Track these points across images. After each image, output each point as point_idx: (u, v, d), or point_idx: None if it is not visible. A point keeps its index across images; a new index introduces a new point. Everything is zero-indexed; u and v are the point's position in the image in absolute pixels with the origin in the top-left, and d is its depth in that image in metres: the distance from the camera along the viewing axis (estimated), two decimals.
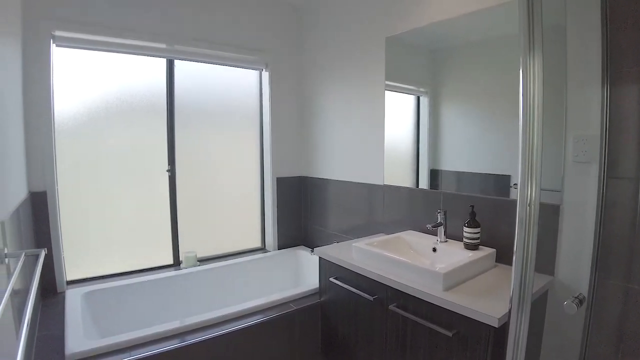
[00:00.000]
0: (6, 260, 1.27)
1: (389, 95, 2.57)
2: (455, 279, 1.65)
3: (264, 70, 3.25)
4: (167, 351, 1.83)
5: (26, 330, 0.84)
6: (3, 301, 0.91)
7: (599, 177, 1.54)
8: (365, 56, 2.71)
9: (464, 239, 1.96)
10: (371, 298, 1.88)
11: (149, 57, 2.74)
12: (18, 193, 1.82)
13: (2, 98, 1.50)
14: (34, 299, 1.06)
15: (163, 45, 2.71)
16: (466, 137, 2.17)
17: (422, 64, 2.44)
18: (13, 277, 1.07)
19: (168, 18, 2.70)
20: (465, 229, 1.95)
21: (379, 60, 2.58)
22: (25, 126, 2.19)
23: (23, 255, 1.30)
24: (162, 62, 2.81)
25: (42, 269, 1.49)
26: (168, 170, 2.86)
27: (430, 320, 1.60)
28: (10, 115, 1.71)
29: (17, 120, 1.92)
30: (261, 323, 2.14)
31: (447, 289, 1.60)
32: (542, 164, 1.16)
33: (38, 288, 1.13)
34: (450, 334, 1.50)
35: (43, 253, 1.38)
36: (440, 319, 1.57)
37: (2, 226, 1.29)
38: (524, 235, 1.14)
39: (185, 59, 2.87)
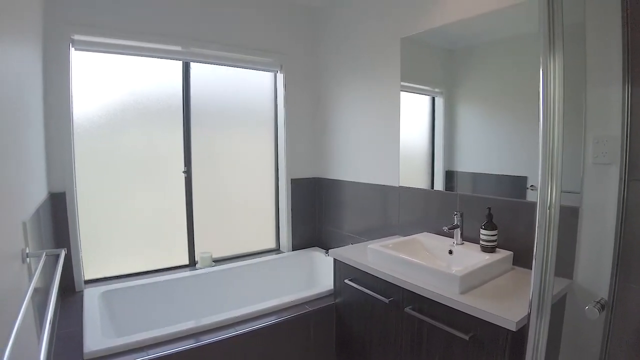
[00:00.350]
0: (28, 260, 1.30)
1: (404, 96, 2.56)
2: (472, 282, 1.63)
3: (278, 71, 3.26)
4: (182, 351, 1.84)
5: (49, 329, 0.86)
6: (25, 300, 0.93)
7: (620, 179, 1.51)
8: (380, 57, 2.70)
9: (481, 242, 1.94)
10: (386, 300, 1.87)
11: (165, 60, 2.77)
12: (38, 194, 1.85)
13: (24, 101, 1.53)
14: (55, 299, 1.08)
15: (179, 48, 2.74)
16: (482, 138, 2.15)
17: (437, 64, 2.42)
18: (34, 277, 1.09)
19: (184, 21, 2.72)
20: (482, 231, 1.93)
21: (394, 61, 2.57)
22: (45, 128, 2.23)
23: (44, 255, 1.32)
24: (178, 65, 2.84)
25: (62, 268, 1.51)
26: (184, 172, 2.89)
27: (447, 323, 1.59)
28: (32, 117, 1.74)
29: (37, 123, 1.96)
30: (276, 324, 2.14)
31: (464, 291, 1.59)
32: (562, 165, 1.14)
33: (52, 289, 1.15)
34: (466, 338, 1.49)
35: (63, 253, 1.41)
36: (456, 322, 1.56)
37: (24, 226, 1.31)
38: (543, 239, 1.13)
39: (200, 62, 2.90)
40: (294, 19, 3.28)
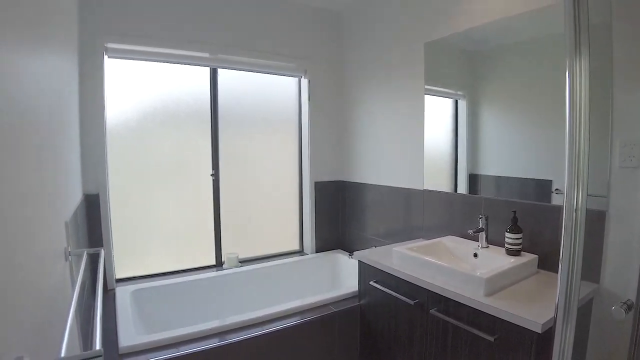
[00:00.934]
0: (70, 258, 1.37)
1: (426, 99, 2.57)
2: (497, 285, 1.65)
3: (302, 76, 3.30)
4: (208, 349, 1.89)
5: (100, 324, 0.91)
6: (74, 296, 0.99)
7: None
8: (404, 61, 2.73)
9: (506, 245, 1.95)
10: (411, 302, 1.89)
11: (193, 66, 2.85)
12: (76, 195, 1.94)
13: (63, 107, 1.60)
14: (101, 295, 1.14)
15: (206, 55, 2.81)
16: (506, 141, 2.15)
17: (460, 66, 2.43)
18: (80, 274, 1.15)
19: (211, 28, 2.80)
20: (507, 234, 1.93)
21: (418, 65, 2.59)
22: (80, 131, 2.32)
23: (85, 253, 1.39)
24: (206, 71, 2.92)
25: (95, 266, 1.58)
26: (212, 175, 2.96)
27: (472, 325, 1.60)
28: (70, 122, 1.82)
29: (74, 126, 2.05)
30: (300, 324, 2.18)
31: (489, 294, 1.60)
32: (589, 169, 1.15)
33: (98, 284, 1.21)
34: (492, 339, 1.50)
35: (103, 252, 1.48)
36: (482, 324, 1.57)
37: (66, 226, 1.38)
38: (570, 243, 1.13)
39: (227, 68, 2.97)
40: (319, 25, 3.33)
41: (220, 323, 2.09)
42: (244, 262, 3.08)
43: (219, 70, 2.96)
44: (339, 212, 3.52)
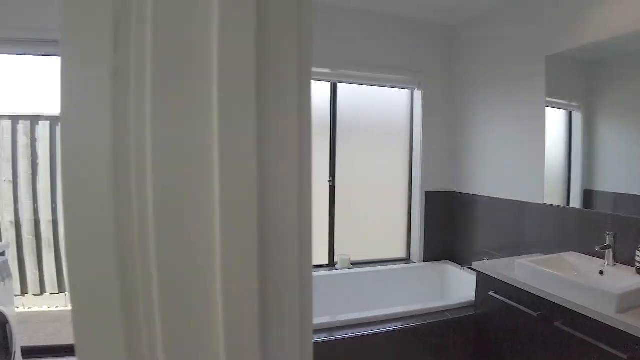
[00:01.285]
0: None
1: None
2: (629, 302, 1.62)
3: (416, 89, 3.40)
4: (317, 342, 1.97)
5: None
6: None
7: None
8: (523, 74, 2.70)
9: (637, 264, 1.89)
10: (534, 314, 1.90)
11: (316, 81, 3.09)
12: None
13: None
14: None
15: (328, 70, 3.04)
16: (627, 156, 2.07)
17: (575, 77, 2.38)
18: None
19: (333, 46, 3.01)
20: (639, 253, 1.88)
21: (539, 78, 2.55)
22: None
23: None
24: (326, 85, 3.15)
25: None
26: (330, 181, 3.18)
27: (601, 341, 1.59)
28: None
29: None
30: (413, 328, 2.25)
31: (621, 311, 1.59)
32: None
33: None
34: (625, 357, 1.49)
35: None
36: (612, 341, 1.56)
37: None
38: None
39: (346, 82, 3.17)
40: (433, 39, 3.40)
41: (331, 319, 2.22)
42: (355, 264, 3.23)
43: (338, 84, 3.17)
44: (448, 223, 3.52)
